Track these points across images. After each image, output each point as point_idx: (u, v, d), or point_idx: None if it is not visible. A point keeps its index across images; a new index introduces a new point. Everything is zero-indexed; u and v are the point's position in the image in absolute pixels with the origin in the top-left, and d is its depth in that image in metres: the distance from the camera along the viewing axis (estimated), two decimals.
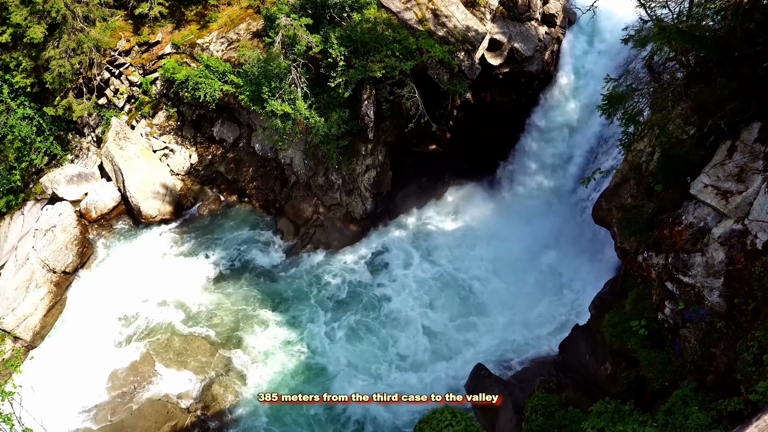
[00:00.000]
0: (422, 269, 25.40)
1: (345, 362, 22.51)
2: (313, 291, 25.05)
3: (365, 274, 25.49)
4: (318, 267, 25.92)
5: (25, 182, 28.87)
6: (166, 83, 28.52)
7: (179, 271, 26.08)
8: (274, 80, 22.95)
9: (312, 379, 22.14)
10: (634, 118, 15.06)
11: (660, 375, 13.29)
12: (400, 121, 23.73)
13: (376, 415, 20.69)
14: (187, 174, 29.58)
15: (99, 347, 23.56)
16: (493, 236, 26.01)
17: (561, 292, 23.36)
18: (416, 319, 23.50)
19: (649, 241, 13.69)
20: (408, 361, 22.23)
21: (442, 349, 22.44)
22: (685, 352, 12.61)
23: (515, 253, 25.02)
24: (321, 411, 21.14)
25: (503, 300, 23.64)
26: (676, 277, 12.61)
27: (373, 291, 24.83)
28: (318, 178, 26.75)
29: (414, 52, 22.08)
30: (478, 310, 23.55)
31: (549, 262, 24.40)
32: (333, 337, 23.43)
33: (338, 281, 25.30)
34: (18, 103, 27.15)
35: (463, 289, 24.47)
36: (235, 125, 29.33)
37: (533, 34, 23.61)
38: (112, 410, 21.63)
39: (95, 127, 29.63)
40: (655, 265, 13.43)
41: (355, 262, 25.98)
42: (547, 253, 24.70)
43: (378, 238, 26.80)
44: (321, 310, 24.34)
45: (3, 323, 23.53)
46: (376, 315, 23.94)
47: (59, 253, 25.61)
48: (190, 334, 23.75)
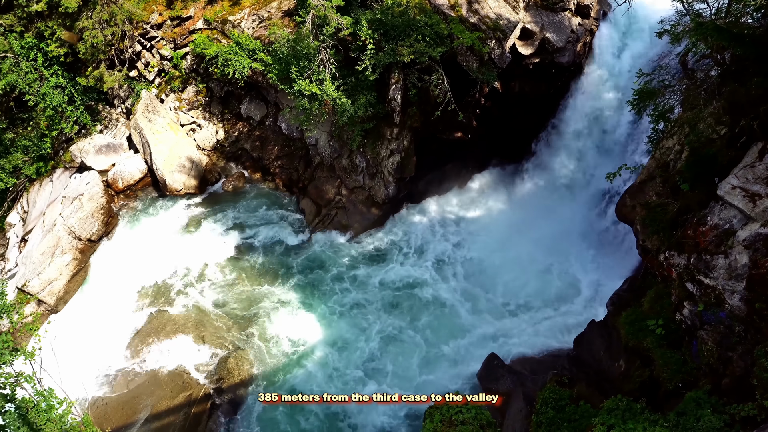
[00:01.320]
0: (441, 256, 25.41)
1: (354, 340, 22.76)
2: (332, 271, 25.25)
3: (384, 258, 25.59)
4: (338, 248, 26.10)
5: (55, 150, 29.52)
6: (197, 58, 28.74)
7: (201, 244, 26.48)
8: (303, 60, 22.98)
9: (326, 356, 22.40)
10: (664, 115, 14.85)
11: (674, 375, 13.23)
12: (427, 107, 23.63)
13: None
14: (213, 150, 29.89)
15: (119, 315, 24.12)
16: (515, 227, 25.86)
17: (579, 286, 23.22)
18: (430, 305, 23.54)
19: (672, 241, 13.54)
20: (418, 350, 22.28)
21: (454, 335, 22.50)
22: (701, 354, 12.52)
23: (535, 244, 24.86)
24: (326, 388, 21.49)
25: (519, 290, 23.59)
26: (697, 278, 12.48)
27: (391, 275, 24.91)
28: (342, 160, 26.83)
29: (444, 38, 21.89)
30: (493, 299, 23.51)
31: (568, 256, 24.23)
32: (347, 316, 23.60)
33: (357, 263, 25.45)
34: (51, 72, 27.65)
35: (480, 278, 24.44)
36: (262, 103, 29.49)
37: (566, 24, 23.22)
38: (130, 377, 22.14)
39: (125, 99, 30.05)
40: (677, 265, 13.28)
41: (376, 245, 26.10)
42: (567, 246, 24.51)
43: (399, 223, 26.84)
44: (338, 291, 24.55)
45: (28, 286, 24.19)
46: (392, 298, 24.03)
47: (85, 221, 26.15)
48: (208, 306, 24.16)
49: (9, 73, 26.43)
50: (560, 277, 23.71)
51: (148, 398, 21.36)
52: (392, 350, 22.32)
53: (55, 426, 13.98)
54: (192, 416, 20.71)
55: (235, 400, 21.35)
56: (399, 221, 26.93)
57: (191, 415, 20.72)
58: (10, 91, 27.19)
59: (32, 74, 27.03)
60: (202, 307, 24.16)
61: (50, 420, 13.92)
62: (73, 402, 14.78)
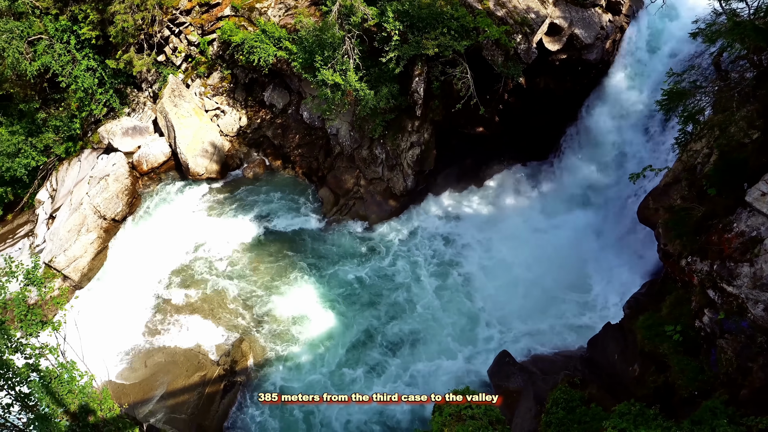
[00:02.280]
0: (457, 252, 25.27)
1: (366, 329, 22.85)
2: (346, 261, 25.34)
3: (399, 250, 25.56)
4: (354, 238, 26.17)
5: (84, 131, 30.09)
6: (223, 45, 28.94)
7: (220, 228, 26.81)
8: (327, 49, 22.97)
9: (337, 342, 22.56)
10: (693, 117, 14.50)
11: (690, 383, 13.01)
12: (450, 101, 23.43)
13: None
14: (235, 136, 30.13)
15: (139, 294, 24.58)
16: (532, 226, 25.61)
17: (595, 288, 22.90)
18: (441, 303, 23.45)
19: (695, 246, 13.28)
20: (422, 348, 22.25)
21: (465, 333, 22.42)
22: (719, 363, 12.29)
23: (552, 244, 24.56)
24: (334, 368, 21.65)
25: (534, 290, 23.35)
26: (720, 286, 12.22)
27: (404, 268, 24.88)
28: (362, 151, 26.81)
29: (470, 32, 21.65)
30: (507, 298, 23.34)
31: (586, 257, 23.89)
32: (362, 306, 23.69)
33: (371, 255, 25.49)
34: (83, 55, 28.13)
35: (494, 275, 24.28)
36: (285, 92, 29.59)
37: (596, 21, 22.76)
38: (147, 355, 22.59)
39: (152, 83, 30.43)
40: (699, 271, 13.03)
41: (392, 237, 26.07)
42: (585, 247, 24.17)
43: (416, 216, 26.76)
44: (354, 281, 24.63)
45: (55, 262, 24.76)
46: (403, 291, 24.02)
47: (110, 201, 26.64)
48: (225, 290, 24.46)
49: (43, 55, 26.97)
50: (576, 278, 23.40)
51: (164, 376, 21.77)
52: (405, 343, 22.33)
53: (75, 397, 14.37)
54: (206, 396, 21.08)
55: (248, 382, 21.64)
56: (417, 214, 26.84)
57: (205, 395, 21.09)
58: (44, 72, 27.77)
59: (65, 56, 27.53)
60: (219, 290, 24.48)
61: (71, 391, 14.33)
62: (93, 376, 15.12)
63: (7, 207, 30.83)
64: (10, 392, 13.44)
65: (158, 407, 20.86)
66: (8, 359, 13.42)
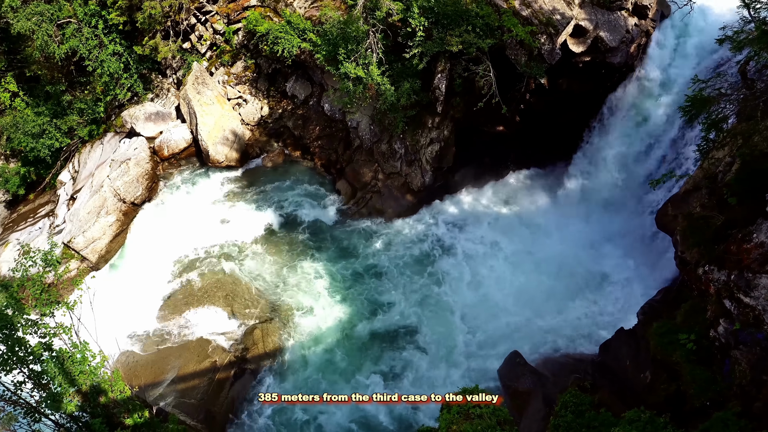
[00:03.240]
0: (472, 251, 25.22)
1: (376, 326, 22.94)
2: (362, 254, 25.44)
3: (414, 246, 25.57)
4: (370, 232, 26.25)
5: (107, 114, 30.49)
6: (248, 34, 29.12)
7: (237, 216, 27.03)
8: (351, 43, 23.03)
9: (347, 336, 22.69)
10: (717, 125, 14.36)
11: (702, 393, 12.92)
12: (471, 99, 23.38)
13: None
14: (256, 125, 30.33)
15: (154, 278, 24.86)
16: (549, 227, 25.48)
17: (609, 293, 22.73)
18: (456, 303, 23.42)
19: (713, 255, 13.17)
20: (433, 347, 22.21)
21: (477, 333, 22.40)
22: (733, 375, 12.19)
23: (569, 247, 24.43)
24: (345, 364, 21.74)
25: (548, 293, 23.25)
26: (736, 296, 12.12)
27: (419, 265, 24.90)
28: (381, 145, 26.86)
29: (495, 30, 21.59)
30: (521, 299, 23.28)
31: (602, 261, 23.76)
32: (375, 300, 23.76)
33: (387, 249, 25.53)
34: (110, 39, 28.46)
35: (508, 275, 24.22)
36: (307, 83, 29.73)
37: (621, 24, 22.55)
38: (160, 339, 22.85)
39: (177, 70, 30.72)
40: (716, 280, 12.92)
41: (408, 232, 26.07)
42: (602, 252, 24.03)
43: (432, 212, 26.73)
44: (366, 274, 24.72)
45: (73, 243, 25.14)
46: (418, 289, 24.05)
47: (131, 184, 26.97)
48: (240, 278, 24.69)
49: (72, 38, 27.33)
50: (590, 282, 23.27)
51: (175, 360, 21.98)
52: (414, 342, 22.35)
53: (87, 377, 14.49)
54: (216, 382, 21.27)
55: (258, 371, 21.83)
56: (433, 211, 26.80)
57: (215, 381, 21.28)
58: (71, 56, 28.14)
59: (93, 40, 27.87)
60: (233, 277, 24.70)
61: (83, 372, 14.41)
62: (106, 357, 15.24)
63: (29, 186, 31.36)
64: (23, 370, 13.56)
65: (168, 391, 21.06)
66: (23, 337, 13.56)
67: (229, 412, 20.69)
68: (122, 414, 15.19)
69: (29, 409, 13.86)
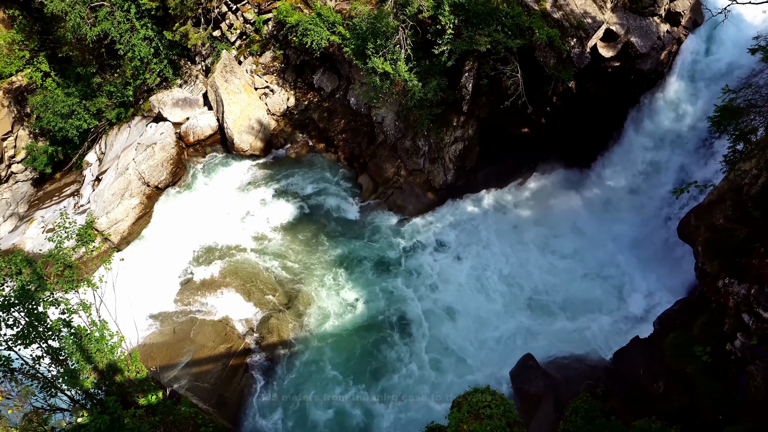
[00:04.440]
0: (489, 252, 25.16)
1: (391, 324, 23.08)
2: (380, 249, 25.53)
3: (434, 244, 25.56)
4: (389, 228, 26.32)
5: (136, 98, 30.91)
6: (278, 25, 29.29)
7: (259, 205, 27.29)
8: (380, 38, 23.08)
9: (361, 329, 22.86)
10: (745, 136, 14.18)
11: (715, 406, 12.83)
12: (497, 99, 23.30)
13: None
14: (282, 115, 30.54)
15: (174, 261, 25.21)
16: (570, 231, 25.33)
17: (626, 301, 22.59)
18: (471, 305, 23.39)
19: (734, 268, 13.02)
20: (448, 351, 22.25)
21: (489, 335, 22.39)
22: (747, 389, 12.07)
23: (589, 252, 24.31)
24: (358, 357, 21.89)
25: (564, 297, 23.17)
26: (756, 311, 11.98)
27: (433, 263, 24.93)
28: (405, 142, 26.90)
29: (525, 31, 21.48)
30: (537, 303, 23.19)
31: (620, 269, 23.57)
32: (390, 297, 23.87)
33: (406, 245, 25.62)
34: (142, 24, 28.79)
35: (525, 278, 24.15)
36: (334, 76, 29.85)
37: (653, 30, 22.27)
38: (177, 322, 23.15)
39: (206, 57, 31.04)
40: (735, 294, 12.78)
41: (426, 230, 26.09)
42: (621, 258, 23.84)
43: (453, 211, 26.69)
44: (383, 270, 24.82)
45: (96, 223, 25.57)
46: (431, 286, 24.06)
47: (155, 168, 27.35)
48: (258, 266, 24.92)
49: (104, 21, 27.69)
50: (608, 288, 23.16)
51: (191, 344, 22.28)
52: (427, 342, 22.39)
53: (104, 356, 14.70)
54: (229, 367, 21.55)
55: (272, 359, 22.06)
56: (454, 209, 26.76)
57: (228, 367, 21.57)
58: (103, 38, 28.49)
59: (125, 24, 28.22)
60: (252, 265, 24.93)
61: (100, 350, 14.63)
62: (123, 337, 15.45)
63: (56, 165, 31.96)
64: (42, 345, 13.77)
65: (182, 374, 21.37)
66: (44, 312, 13.73)
67: (242, 398, 20.94)
68: (137, 394, 15.43)
69: (46, 384, 14.08)
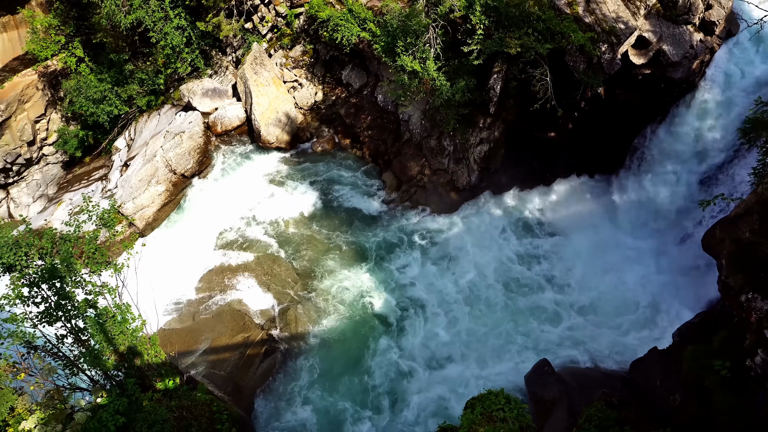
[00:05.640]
0: (513, 254, 25.08)
1: (411, 324, 23.12)
2: (402, 247, 25.59)
3: (454, 245, 25.55)
4: (411, 226, 26.36)
5: (166, 87, 31.39)
6: (309, 19, 29.50)
7: (282, 197, 27.54)
8: (410, 36, 23.12)
9: (378, 326, 23.01)
10: None
11: (732, 422, 12.69)
12: (525, 102, 23.19)
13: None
14: (309, 110, 30.77)
15: (196, 249, 25.56)
16: (592, 238, 25.10)
17: (645, 311, 22.35)
18: (491, 308, 23.36)
19: (758, 283, 12.84)
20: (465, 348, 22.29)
21: (501, 340, 22.36)
22: (766, 406, 11.91)
23: (610, 259, 24.10)
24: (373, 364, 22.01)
25: (584, 303, 23.04)
26: None
27: (454, 264, 24.93)
28: (431, 141, 26.91)
29: (556, 35, 21.35)
30: (557, 307, 23.08)
31: (640, 279, 23.34)
32: (407, 294, 23.95)
33: (426, 244, 25.63)
34: (176, 14, 29.21)
35: (544, 283, 24.06)
36: (363, 72, 29.98)
37: (686, 39, 21.96)
38: (196, 310, 23.48)
39: (237, 49, 31.39)
40: (758, 309, 12.62)
41: (448, 230, 26.04)
42: (642, 268, 23.59)
43: (475, 212, 26.58)
44: (404, 269, 24.87)
45: (123, 208, 26.07)
46: (460, 286, 24.05)
47: (182, 157, 27.76)
48: (279, 258, 25.19)
49: (138, 9, 28.14)
50: (628, 297, 22.95)
51: (209, 332, 22.57)
52: (451, 340, 22.45)
53: (126, 338, 15.00)
54: (246, 357, 21.80)
55: (289, 350, 22.28)
56: (475, 210, 26.66)
57: (245, 356, 21.82)
58: (136, 26, 28.95)
59: (158, 13, 28.65)
60: (273, 256, 25.20)
61: (123, 332, 14.93)
62: (144, 321, 15.74)
63: (86, 150, 32.61)
64: (66, 324, 14.04)
65: (200, 360, 21.66)
66: (71, 292, 14.03)
67: (257, 387, 21.19)
68: (155, 378, 15.73)
69: (68, 363, 14.43)
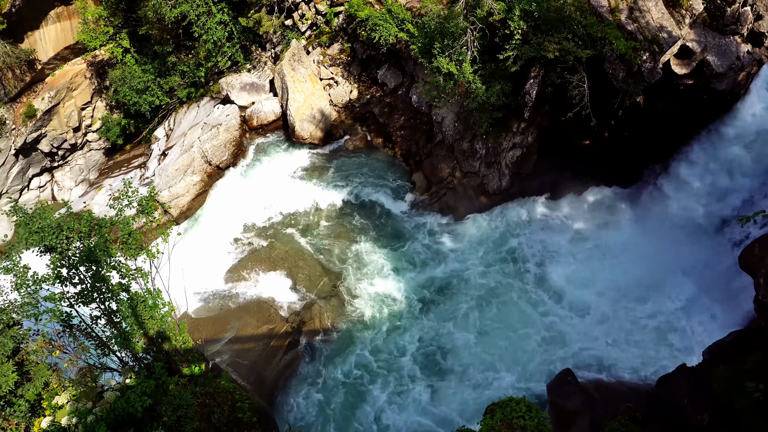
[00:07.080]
0: (540, 263, 24.79)
1: (437, 325, 23.10)
2: (428, 249, 25.54)
3: (484, 250, 25.33)
4: (439, 228, 26.29)
5: (206, 80, 31.98)
6: (348, 18, 29.68)
7: (313, 192, 27.76)
8: (448, 38, 23.06)
9: (403, 326, 23.06)
10: None
11: None
12: (561, 108, 22.85)
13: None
14: (343, 107, 30.95)
15: (226, 240, 26.03)
16: (624, 250, 24.60)
17: (676, 327, 21.84)
18: (519, 311, 23.16)
19: None
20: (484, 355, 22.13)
21: (517, 350, 22.14)
22: None
23: (642, 273, 23.55)
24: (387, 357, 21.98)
25: (611, 315, 22.65)
26: None
27: (481, 269, 24.74)
28: (463, 143, 26.78)
29: (596, 41, 21.00)
30: (581, 319, 22.73)
31: (673, 294, 22.77)
32: (426, 297, 23.94)
33: (456, 248, 25.50)
34: (218, 9, 29.77)
35: (576, 291, 23.72)
36: (398, 72, 30.02)
37: (732, 50, 21.33)
38: (223, 299, 23.91)
39: (276, 45, 31.79)
40: None
41: (477, 234, 25.86)
42: (675, 284, 23.00)
43: (504, 218, 26.33)
44: (430, 270, 24.83)
45: (159, 196, 26.63)
46: (485, 293, 23.91)
47: (218, 149, 28.25)
48: (306, 253, 25.43)
49: (183, 3, 28.73)
50: (657, 314, 22.43)
51: (236, 322, 22.97)
52: (475, 342, 22.33)
53: (155, 323, 15.27)
54: (270, 348, 22.11)
55: (312, 344, 22.50)
56: (504, 215, 26.39)
57: (269, 347, 22.13)
58: (180, 20, 29.57)
59: (202, 8, 29.23)
60: (300, 251, 25.43)
61: (153, 317, 15.21)
62: (174, 307, 16.03)
63: (127, 138, 33.55)
64: (100, 306, 14.27)
65: (225, 349, 22.06)
66: (106, 274, 14.34)
67: (279, 379, 21.49)
68: (181, 363, 16.02)
69: (100, 343, 14.79)
